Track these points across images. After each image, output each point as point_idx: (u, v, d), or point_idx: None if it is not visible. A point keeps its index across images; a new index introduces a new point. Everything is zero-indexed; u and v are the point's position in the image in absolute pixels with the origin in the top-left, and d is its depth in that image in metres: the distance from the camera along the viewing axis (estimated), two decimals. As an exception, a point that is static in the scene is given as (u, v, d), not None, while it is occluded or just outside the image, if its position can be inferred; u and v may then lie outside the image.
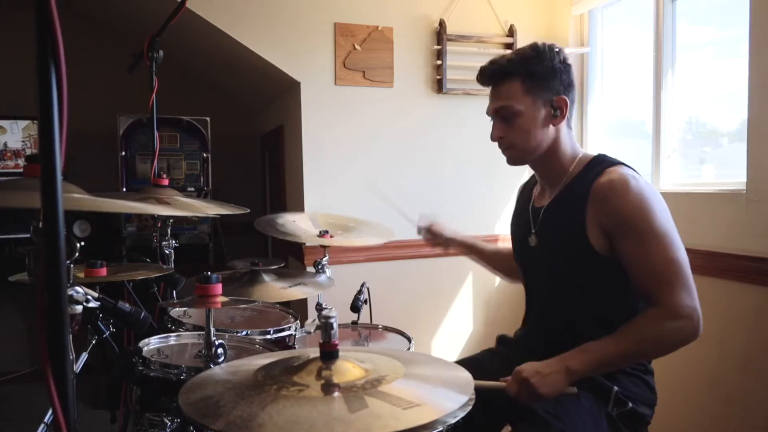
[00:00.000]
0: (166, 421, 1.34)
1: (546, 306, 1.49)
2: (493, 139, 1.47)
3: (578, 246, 1.35)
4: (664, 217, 1.31)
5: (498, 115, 1.44)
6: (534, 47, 1.41)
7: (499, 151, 1.48)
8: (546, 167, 1.48)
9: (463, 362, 1.35)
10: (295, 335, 1.75)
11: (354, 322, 2.01)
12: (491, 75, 1.44)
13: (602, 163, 1.39)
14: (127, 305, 1.36)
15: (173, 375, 1.34)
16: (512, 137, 1.43)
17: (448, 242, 1.86)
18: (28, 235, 1.04)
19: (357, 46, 2.79)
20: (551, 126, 1.41)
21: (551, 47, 1.41)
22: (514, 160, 1.48)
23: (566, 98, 1.40)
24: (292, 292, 1.71)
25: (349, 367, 0.94)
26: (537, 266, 1.49)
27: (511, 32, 3.00)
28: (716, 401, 2.22)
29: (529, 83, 1.39)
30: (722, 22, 2.47)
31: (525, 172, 1.67)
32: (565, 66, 1.41)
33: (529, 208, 1.54)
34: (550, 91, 1.39)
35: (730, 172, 2.34)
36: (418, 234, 1.90)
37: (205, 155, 3.62)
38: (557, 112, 1.40)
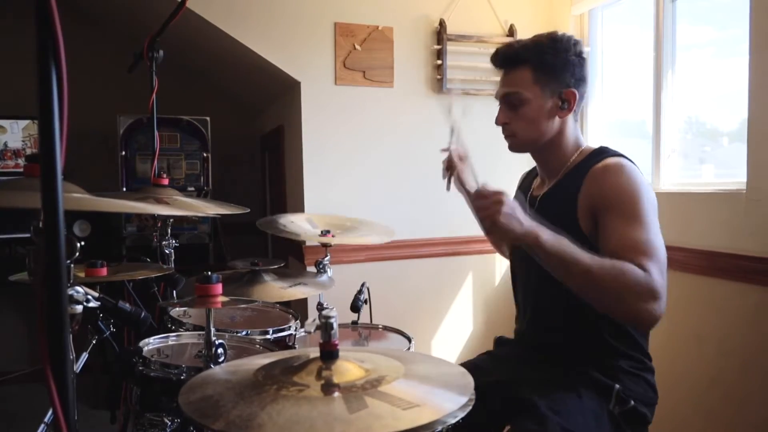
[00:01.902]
0: (166, 421, 1.34)
1: (539, 297, 1.48)
2: (497, 123, 1.46)
3: (570, 233, 1.34)
4: (651, 208, 1.29)
5: (505, 100, 1.43)
6: (552, 36, 1.40)
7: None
8: (547, 157, 1.47)
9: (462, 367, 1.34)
10: (295, 335, 1.75)
11: (354, 322, 2.00)
12: (503, 58, 1.44)
13: (603, 153, 1.39)
14: (127, 305, 1.37)
15: (173, 375, 1.34)
16: (516, 124, 1.42)
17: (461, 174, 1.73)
18: (28, 235, 1.04)
19: (357, 46, 2.79)
20: (557, 117, 1.41)
21: (569, 39, 1.40)
22: (515, 147, 1.48)
23: (575, 92, 1.39)
24: (292, 292, 1.71)
25: (349, 367, 0.94)
26: (530, 255, 1.49)
27: (511, 32, 2.99)
28: (715, 401, 2.22)
29: (539, 73, 1.38)
30: (722, 22, 2.47)
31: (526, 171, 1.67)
32: (580, 60, 1.40)
33: (527, 197, 1.54)
34: (560, 83, 1.39)
35: (730, 172, 2.34)
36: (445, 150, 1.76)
37: (205, 155, 3.61)
38: (564, 105, 1.40)
